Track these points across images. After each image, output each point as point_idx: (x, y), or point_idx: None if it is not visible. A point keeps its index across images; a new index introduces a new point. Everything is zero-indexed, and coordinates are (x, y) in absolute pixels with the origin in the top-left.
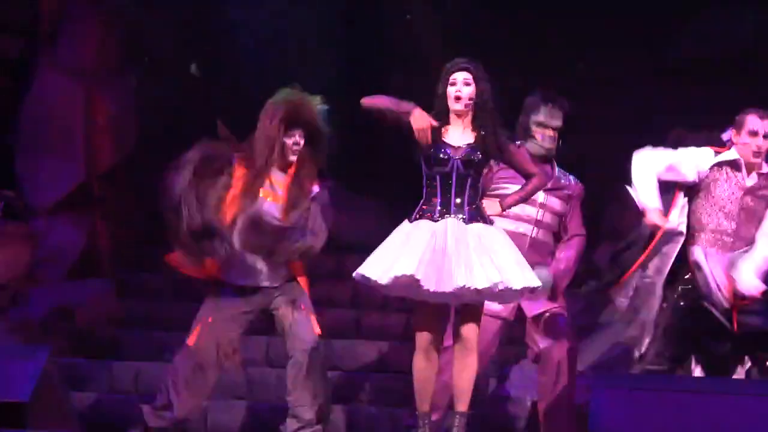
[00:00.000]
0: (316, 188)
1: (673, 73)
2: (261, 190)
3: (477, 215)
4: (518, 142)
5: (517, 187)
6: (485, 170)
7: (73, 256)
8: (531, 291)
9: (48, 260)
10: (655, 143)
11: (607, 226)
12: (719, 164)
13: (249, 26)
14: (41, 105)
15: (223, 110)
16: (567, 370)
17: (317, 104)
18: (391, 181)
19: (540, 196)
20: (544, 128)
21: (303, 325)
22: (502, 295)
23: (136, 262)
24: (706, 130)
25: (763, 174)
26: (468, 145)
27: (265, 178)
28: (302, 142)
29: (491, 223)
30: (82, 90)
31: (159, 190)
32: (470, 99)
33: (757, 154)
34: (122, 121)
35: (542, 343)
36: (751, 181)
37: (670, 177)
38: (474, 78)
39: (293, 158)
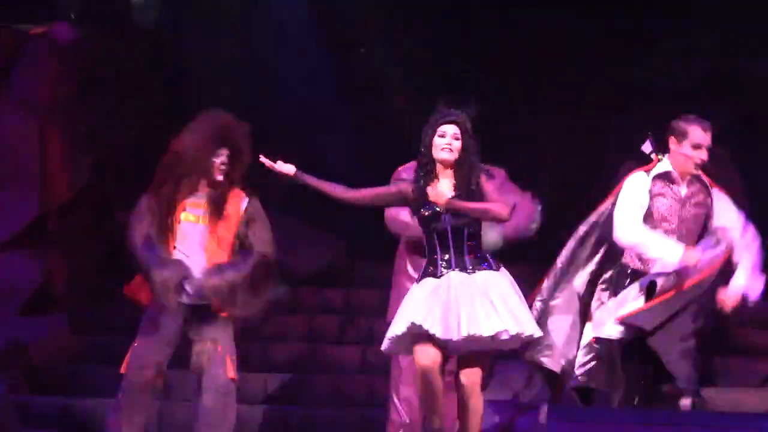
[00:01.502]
0: (245, 199)
1: (632, 101)
2: (185, 213)
3: (482, 262)
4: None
5: None
6: None
7: (28, 291)
8: (527, 341)
9: (2, 295)
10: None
11: None
12: (653, 180)
13: (207, 57)
14: None
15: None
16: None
17: (244, 125)
18: (347, 214)
19: None
20: None
21: (217, 368)
22: (506, 341)
23: (93, 297)
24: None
25: (693, 181)
26: (452, 197)
27: (181, 196)
28: (227, 162)
29: (497, 268)
30: (36, 124)
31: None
32: (459, 152)
33: (698, 166)
34: (77, 155)
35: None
36: (684, 190)
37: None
38: (462, 132)
39: (220, 178)
